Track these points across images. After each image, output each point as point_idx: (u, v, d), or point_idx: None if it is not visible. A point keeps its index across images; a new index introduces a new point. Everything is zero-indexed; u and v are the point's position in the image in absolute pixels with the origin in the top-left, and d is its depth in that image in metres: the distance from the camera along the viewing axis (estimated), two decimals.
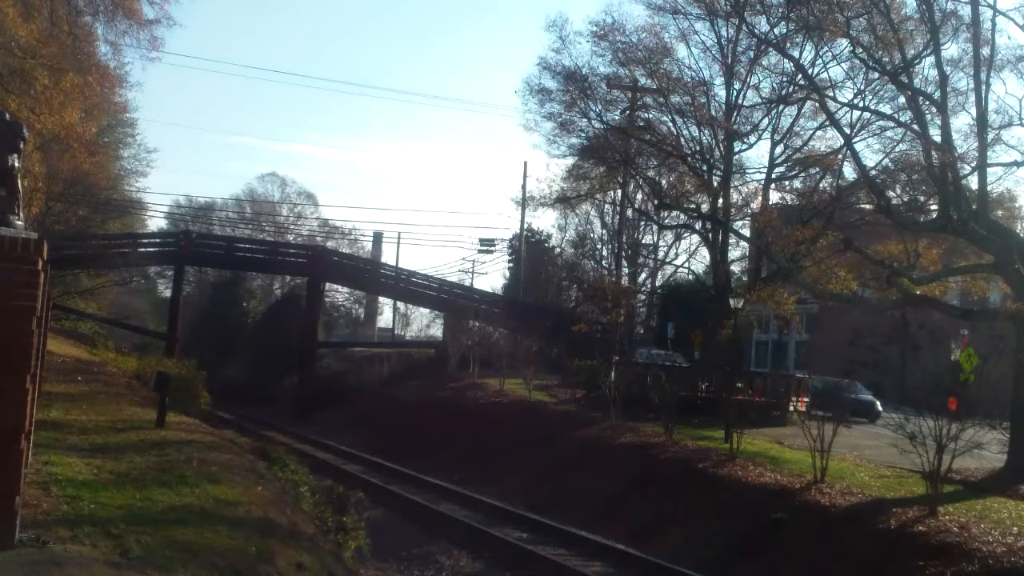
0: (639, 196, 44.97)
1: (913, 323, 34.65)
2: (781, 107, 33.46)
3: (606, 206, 52.09)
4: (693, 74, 35.05)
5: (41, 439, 10.75)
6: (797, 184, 35.06)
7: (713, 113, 34.01)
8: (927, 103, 23.25)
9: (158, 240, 51.59)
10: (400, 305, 65.91)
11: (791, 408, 27.79)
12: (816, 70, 30.37)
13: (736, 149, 34.87)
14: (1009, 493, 18.28)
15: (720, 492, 19.60)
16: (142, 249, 47.44)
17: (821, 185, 32.84)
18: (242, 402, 44.10)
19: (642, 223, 50.87)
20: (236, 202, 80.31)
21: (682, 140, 34.46)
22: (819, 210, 30.14)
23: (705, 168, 34.27)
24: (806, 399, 26.87)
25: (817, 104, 28.50)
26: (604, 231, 55.71)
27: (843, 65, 30.41)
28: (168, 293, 58.96)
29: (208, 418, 21.53)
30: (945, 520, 15.64)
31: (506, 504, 21.88)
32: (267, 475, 13.63)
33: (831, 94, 27.55)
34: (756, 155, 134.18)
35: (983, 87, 21.32)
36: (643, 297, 50.30)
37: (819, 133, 34.12)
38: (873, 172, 28.30)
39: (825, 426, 18.76)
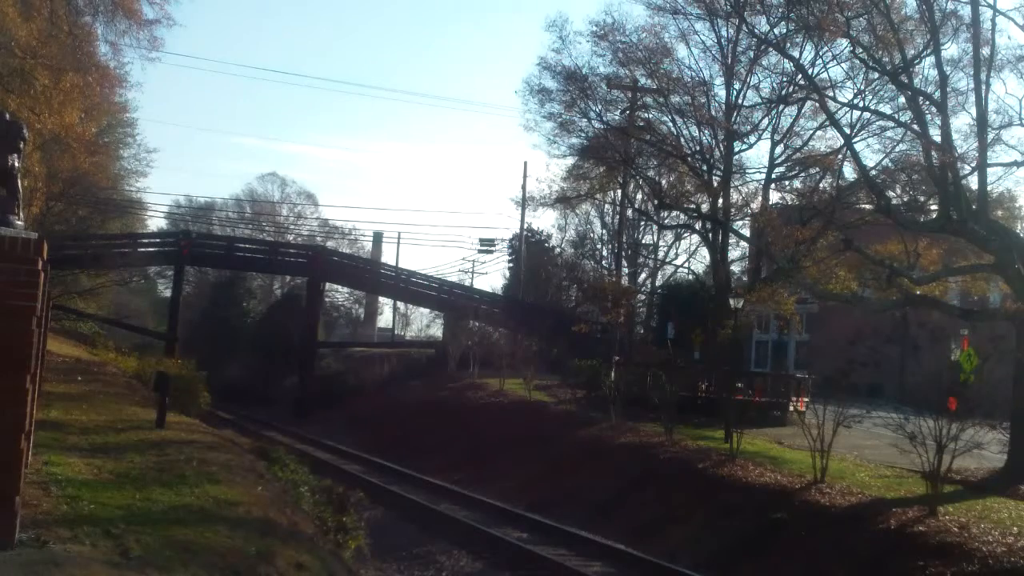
0: (639, 196, 44.95)
1: (913, 323, 34.67)
2: (781, 107, 33.43)
3: (606, 206, 52.07)
4: (693, 74, 35.05)
5: (41, 439, 10.75)
6: (797, 184, 35.04)
7: (713, 113, 33.97)
8: (927, 103, 23.22)
9: (158, 240, 51.60)
10: (400, 305, 65.90)
11: (791, 408, 27.82)
12: (816, 70, 30.37)
13: (736, 149, 34.84)
14: (1009, 493, 18.27)
15: (720, 492, 19.59)
16: (142, 249, 47.48)
17: (821, 185, 32.80)
18: (242, 402, 44.14)
19: (642, 223, 50.82)
20: (236, 202, 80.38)
21: (682, 140, 34.44)
22: (819, 210, 30.12)
23: (705, 168, 34.25)
24: (806, 399, 26.89)
25: (817, 104, 28.47)
26: (604, 231, 55.70)
27: (843, 65, 30.40)
28: (168, 293, 58.96)
29: (208, 418, 21.57)
30: (945, 520, 15.64)
31: (506, 504, 21.89)
32: (267, 475, 13.63)
33: (831, 94, 27.52)
34: (756, 155, 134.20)
35: (983, 87, 21.30)
36: (643, 297, 50.24)
37: (819, 133, 34.13)
38: (873, 172, 28.27)
39: (825, 426, 18.76)
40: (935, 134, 22.72)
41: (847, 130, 28.37)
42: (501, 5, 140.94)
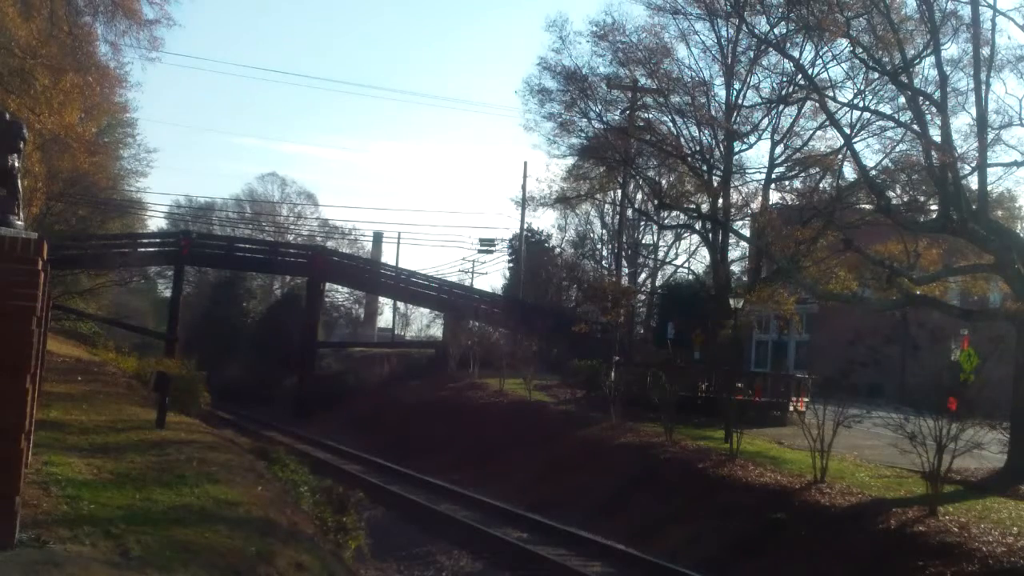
0: (639, 196, 44.98)
1: (913, 323, 34.63)
2: (781, 107, 33.43)
3: (606, 206, 52.13)
4: (693, 74, 35.06)
5: (41, 439, 10.75)
6: (797, 184, 35.06)
7: (713, 113, 33.98)
8: (927, 103, 23.22)
9: (158, 240, 51.61)
10: (400, 305, 65.96)
11: (791, 408, 27.81)
12: (816, 70, 30.37)
13: (736, 149, 34.85)
14: (1009, 493, 18.27)
15: (720, 492, 19.59)
16: (142, 249, 47.46)
17: (821, 185, 32.83)
18: (242, 402, 44.10)
19: (642, 223, 50.86)
20: (236, 202, 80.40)
21: (682, 140, 34.44)
22: (819, 210, 30.14)
23: (705, 168, 34.26)
24: (806, 399, 26.90)
25: (817, 104, 28.46)
26: (604, 231, 55.76)
27: (843, 65, 30.41)
28: (168, 293, 58.97)
29: (208, 418, 21.56)
30: (945, 520, 15.64)
31: (506, 504, 21.88)
32: (267, 475, 13.63)
33: (831, 94, 27.51)
34: (756, 155, 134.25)
35: (983, 87, 21.29)
36: (643, 297, 50.26)
37: (819, 133, 34.13)
38: (873, 172, 28.26)
39: (825, 426, 18.76)
40: (935, 134, 22.72)
41: (847, 130, 28.38)
42: (501, 5, 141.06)
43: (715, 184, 33.70)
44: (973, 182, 22.19)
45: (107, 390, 19.22)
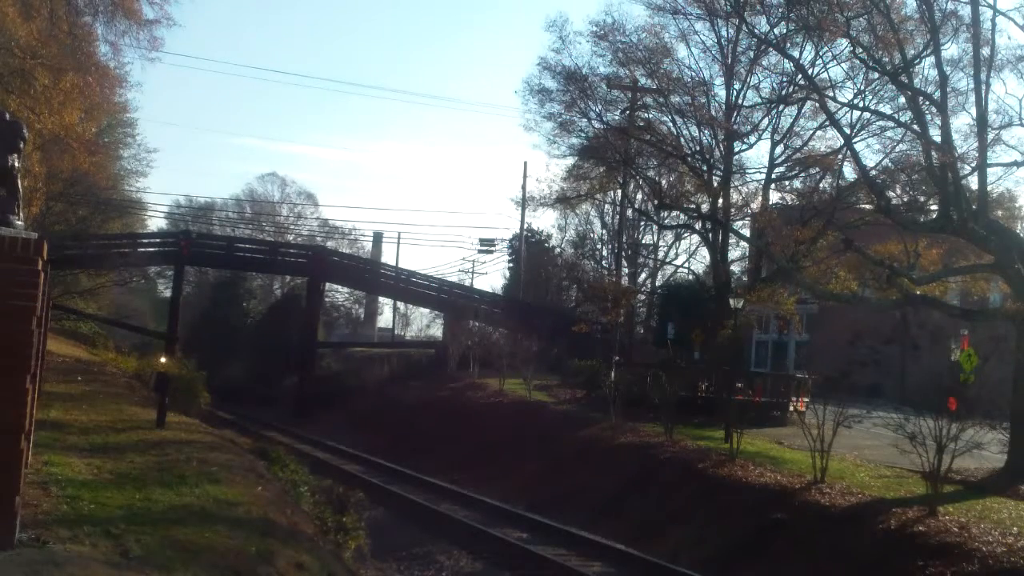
0: (639, 196, 44.95)
1: (913, 323, 34.63)
2: (781, 107, 33.42)
3: (606, 206, 52.12)
4: (693, 74, 35.05)
5: (41, 439, 10.76)
6: (797, 184, 35.05)
7: (713, 113, 33.96)
8: (927, 103, 23.21)
9: (158, 240, 51.56)
10: (400, 305, 65.95)
11: (791, 408, 27.80)
12: (816, 70, 30.34)
13: (736, 149, 34.84)
14: (1009, 493, 18.26)
15: (720, 492, 19.59)
16: (142, 249, 47.42)
17: (821, 185, 32.83)
18: (242, 402, 44.11)
19: (642, 223, 50.84)
20: (236, 202, 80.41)
21: (682, 140, 34.43)
22: (819, 210, 30.12)
23: (705, 168, 34.24)
24: (806, 399, 26.89)
25: (817, 104, 28.44)
26: (604, 231, 55.72)
27: (843, 65, 30.38)
28: (168, 293, 58.96)
29: (208, 418, 21.60)
30: (945, 520, 15.63)
31: (506, 504, 21.89)
32: (267, 475, 13.64)
33: (831, 94, 27.48)
34: (756, 155, 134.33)
35: (983, 87, 21.29)
36: (643, 297, 50.24)
37: (819, 133, 34.10)
38: (873, 172, 28.25)
39: (825, 426, 18.76)
40: (935, 134, 22.71)
41: (847, 130, 28.36)
42: (501, 5, 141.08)
43: (715, 184, 33.68)
44: (973, 182, 22.19)
45: (107, 390, 19.24)
